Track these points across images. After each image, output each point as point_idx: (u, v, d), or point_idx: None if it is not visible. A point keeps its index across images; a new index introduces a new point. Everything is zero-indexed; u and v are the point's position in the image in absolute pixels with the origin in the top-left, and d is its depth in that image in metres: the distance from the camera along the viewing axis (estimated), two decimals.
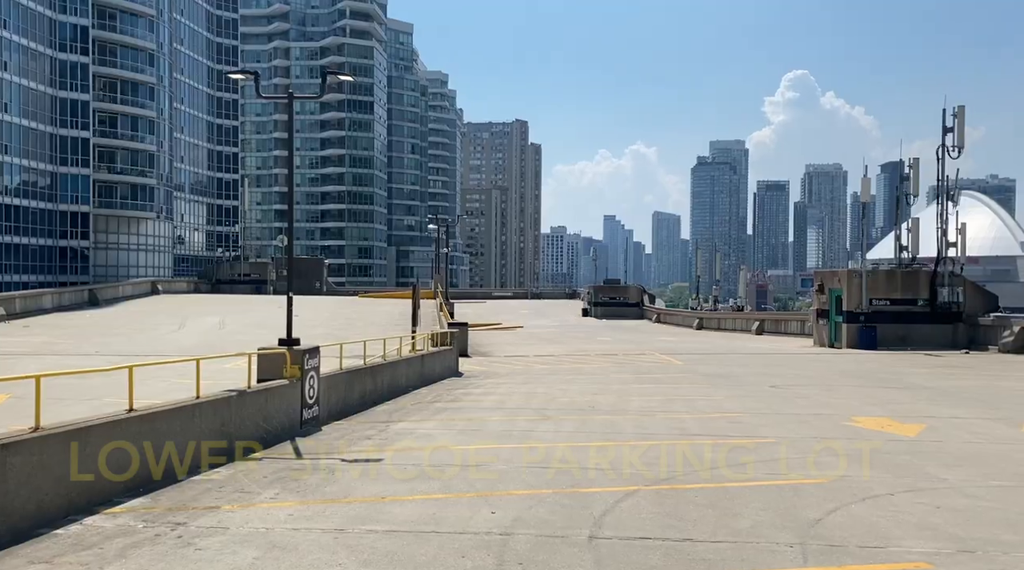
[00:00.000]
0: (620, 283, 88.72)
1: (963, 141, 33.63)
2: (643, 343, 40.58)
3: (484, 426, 14.21)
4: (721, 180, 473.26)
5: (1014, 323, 31.04)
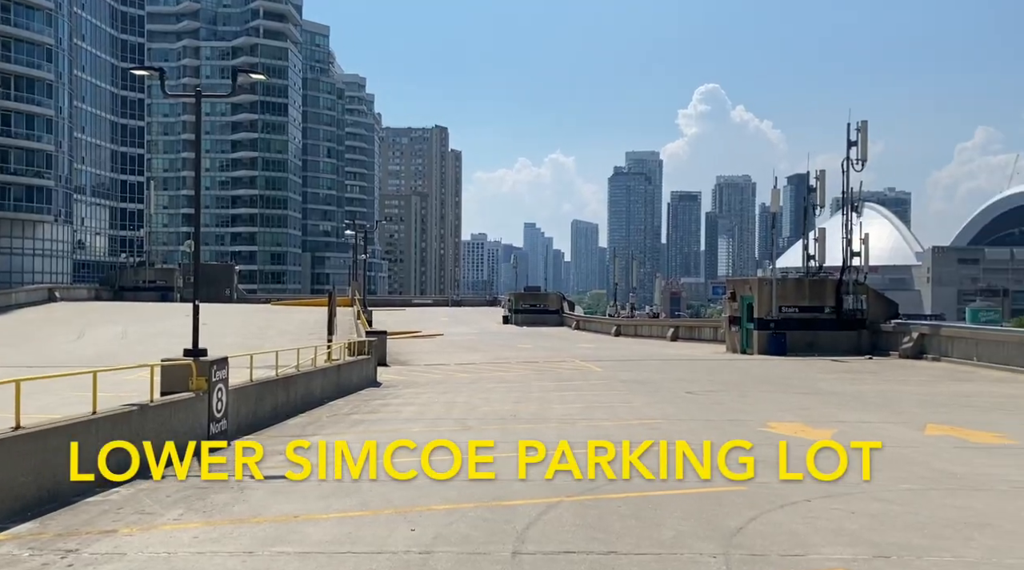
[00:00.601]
0: (540, 290, 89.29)
1: (866, 154, 35.15)
2: (563, 350, 40.79)
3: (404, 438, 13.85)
4: (637, 190, 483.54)
5: (913, 329, 32.55)
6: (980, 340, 28.59)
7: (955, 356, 28.84)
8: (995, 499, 8.68)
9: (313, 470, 10.87)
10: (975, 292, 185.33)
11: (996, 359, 26.42)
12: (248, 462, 11.49)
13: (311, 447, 12.94)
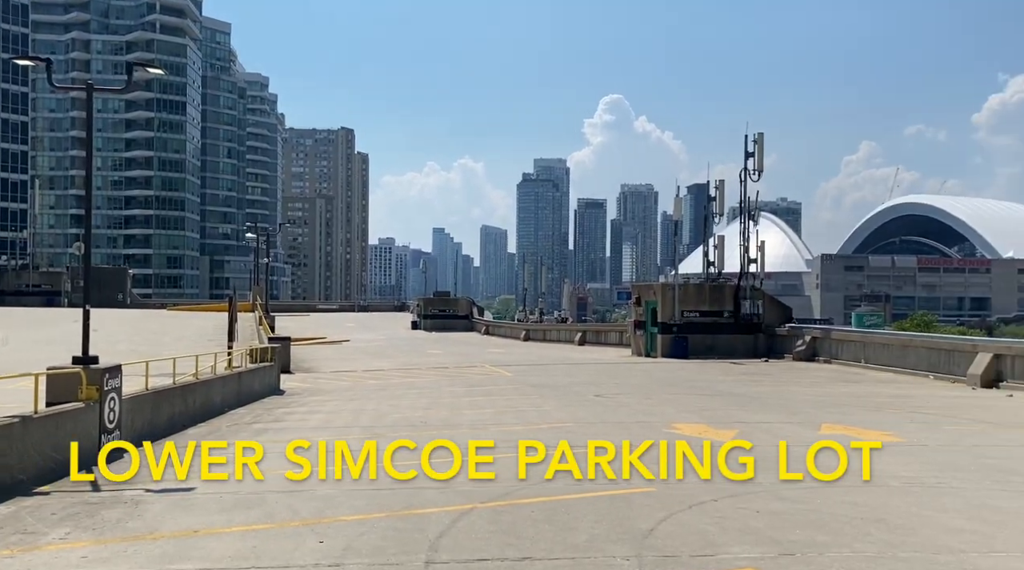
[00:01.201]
0: (450, 295, 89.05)
1: (762, 165, 36.63)
2: (473, 355, 40.72)
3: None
4: (545, 196, 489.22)
5: (806, 333, 34.09)
6: (867, 343, 30.20)
7: (845, 358, 30.35)
8: (887, 495, 9.11)
9: (213, 481, 10.40)
10: (860, 298, 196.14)
11: (881, 361, 27.96)
12: (143, 474, 10.89)
13: (211, 458, 12.38)
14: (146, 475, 11.00)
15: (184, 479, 10.60)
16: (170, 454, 12.75)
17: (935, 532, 7.58)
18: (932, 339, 28.49)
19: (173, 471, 11.19)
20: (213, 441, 14.43)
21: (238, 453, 12.81)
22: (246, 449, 13.39)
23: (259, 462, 11.88)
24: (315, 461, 11.47)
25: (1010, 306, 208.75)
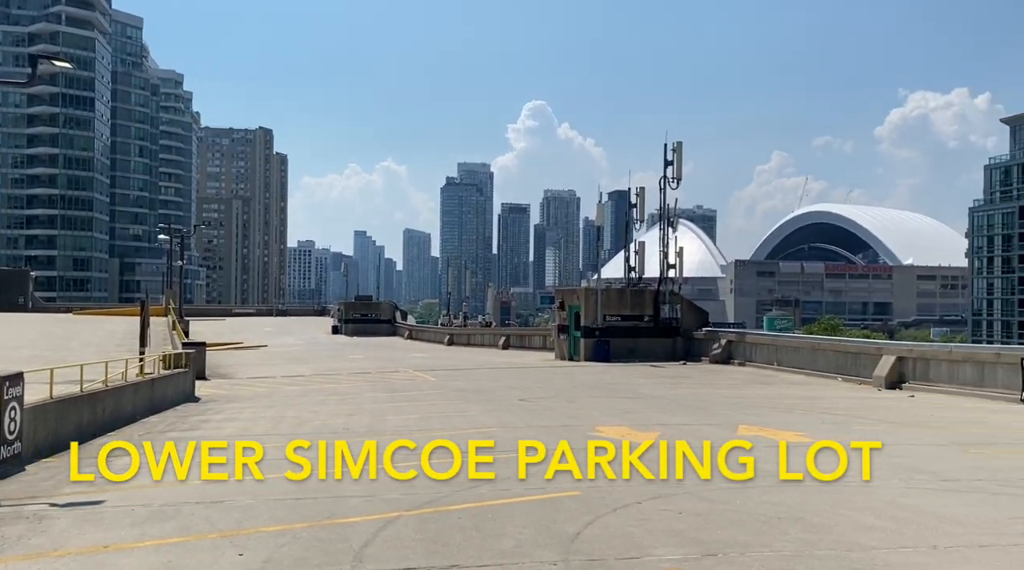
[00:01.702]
0: (372, 299, 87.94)
1: (681, 173, 37.55)
2: (396, 360, 40.30)
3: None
4: (469, 201, 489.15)
5: (722, 336, 35.06)
6: (779, 346, 31.28)
7: (758, 361, 31.35)
8: (804, 494, 9.43)
9: (124, 494, 9.95)
10: (771, 302, 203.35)
11: (793, 363, 29.00)
12: (47, 487, 10.33)
13: (123, 469, 11.85)
14: (50, 488, 10.45)
15: (92, 492, 10.10)
16: (77, 466, 12.14)
17: (848, 530, 7.88)
18: (840, 342, 29.69)
19: (80, 484, 10.65)
20: (124, 451, 13.81)
21: (151, 463, 12.30)
22: (160, 459, 12.88)
23: (174, 473, 11.45)
24: (233, 471, 11.12)
25: (910, 310, 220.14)
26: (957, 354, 21.95)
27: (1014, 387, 19.09)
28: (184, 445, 14.50)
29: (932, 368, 22.27)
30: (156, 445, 14.64)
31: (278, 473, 11.17)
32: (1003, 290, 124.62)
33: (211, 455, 13.08)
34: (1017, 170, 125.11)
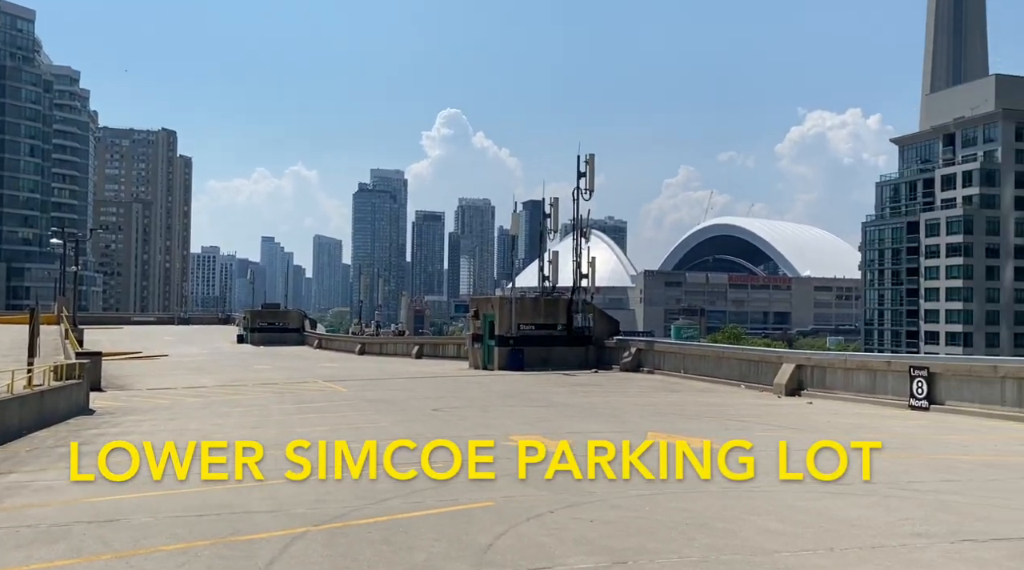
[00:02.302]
0: (280, 308, 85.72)
1: (593, 185, 38.20)
2: (305, 370, 39.40)
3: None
4: (382, 208, 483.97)
5: (632, 345, 35.79)
6: (686, 355, 32.16)
7: (667, 369, 32.15)
8: (710, 500, 9.68)
9: (9, 514, 9.33)
10: (679, 311, 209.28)
11: (699, 371, 29.86)
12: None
13: (7, 488, 11.12)
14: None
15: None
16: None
17: (752, 534, 8.13)
18: (744, 351, 30.79)
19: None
20: (8, 468, 12.97)
21: (40, 481, 11.60)
22: (49, 475, 12.17)
23: (65, 490, 10.83)
24: (128, 486, 10.59)
25: (807, 320, 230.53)
26: (851, 362, 23.06)
27: (903, 393, 20.19)
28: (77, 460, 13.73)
29: (828, 376, 23.32)
30: (44, 461, 13.82)
31: (178, 488, 10.72)
32: (893, 301, 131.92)
33: (107, 471, 12.43)
34: (905, 188, 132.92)
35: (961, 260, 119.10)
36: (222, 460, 12.81)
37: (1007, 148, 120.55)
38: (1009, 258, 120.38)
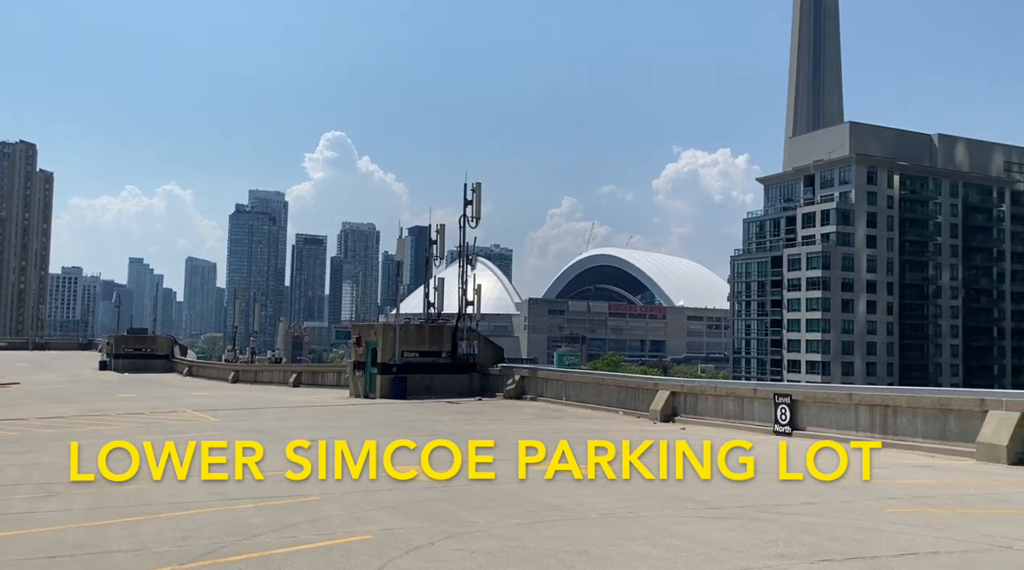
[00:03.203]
0: (147, 333, 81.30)
1: (480, 213, 38.51)
2: (174, 399, 37.40)
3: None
4: (260, 230, 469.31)
5: (515, 372, 36.07)
6: (568, 382, 32.70)
7: (549, 396, 32.57)
8: (588, 527, 9.84)
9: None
10: (561, 339, 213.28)
11: (581, 398, 30.42)
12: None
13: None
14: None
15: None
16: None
17: (628, 559, 8.32)
18: (623, 378, 31.58)
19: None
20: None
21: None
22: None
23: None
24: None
25: (681, 348, 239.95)
26: (721, 389, 24.12)
27: (768, 420, 21.28)
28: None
29: (700, 402, 24.30)
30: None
31: (29, 527, 9.91)
32: (759, 331, 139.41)
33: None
34: (770, 224, 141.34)
35: (819, 293, 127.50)
36: (80, 495, 11.96)
37: (860, 190, 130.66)
38: (862, 292, 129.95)
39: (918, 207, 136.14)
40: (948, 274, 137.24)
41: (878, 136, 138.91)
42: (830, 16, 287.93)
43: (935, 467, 15.26)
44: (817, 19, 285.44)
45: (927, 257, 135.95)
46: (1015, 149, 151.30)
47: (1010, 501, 11.84)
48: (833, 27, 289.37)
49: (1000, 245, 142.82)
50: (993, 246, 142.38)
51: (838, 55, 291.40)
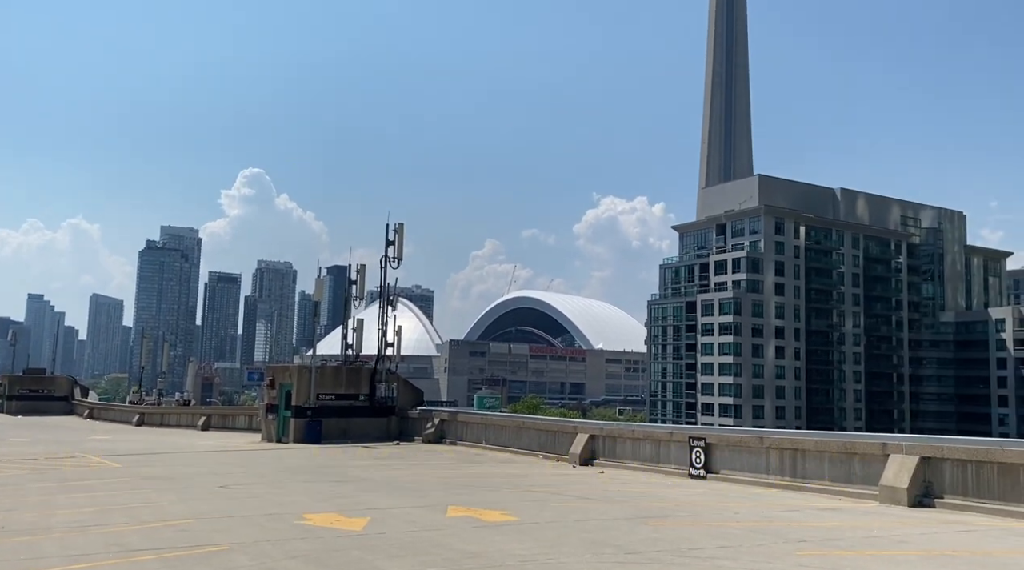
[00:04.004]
0: (45, 373, 76.97)
1: (402, 253, 38.36)
2: (73, 443, 35.39)
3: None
4: (172, 267, 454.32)
5: (435, 416, 35.67)
6: (488, 425, 32.54)
7: (469, 440, 32.30)
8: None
9: None
10: (482, 381, 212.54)
11: (501, 442, 30.29)
12: None
13: None
14: None
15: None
16: None
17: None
18: (542, 422, 31.64)
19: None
20: None
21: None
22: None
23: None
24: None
25: (600, 390, 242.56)
26: (639, 432, 24.45)
27: (684, 463, 21.65)
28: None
29: (619, 446, 24.54)
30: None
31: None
32: (674, 374, 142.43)
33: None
34: (684, 271, 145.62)
35: (731, 338, 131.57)
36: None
37: (768, 240, 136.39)
38: (771, 338, 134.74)
39: (822, 257, 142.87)
40: (851, 321, 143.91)
41: (785, 188, 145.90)
42: (740, 76, 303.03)
43: (842, 510, 15.79)
44: (729, 78, 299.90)
45: (831, 305, 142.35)
46: (910, 204, 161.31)
47: (911, 543, 12.34)
48: (743, 86, 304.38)
49: (898, 295, 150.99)
50: (892, 296, 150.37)
51: (748, 111, 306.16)
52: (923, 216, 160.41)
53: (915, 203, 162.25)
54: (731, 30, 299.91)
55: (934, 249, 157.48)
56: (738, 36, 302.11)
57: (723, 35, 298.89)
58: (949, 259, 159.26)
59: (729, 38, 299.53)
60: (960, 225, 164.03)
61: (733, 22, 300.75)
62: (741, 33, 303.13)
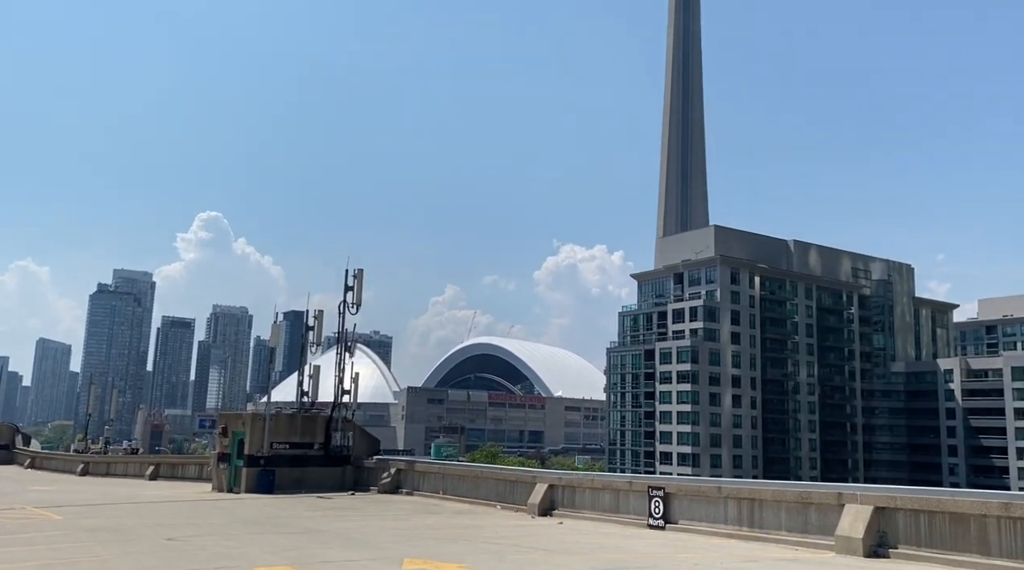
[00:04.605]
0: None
1: (361, 299, 38.09)
2: (10, 494, 33.94)
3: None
4: (123, 311, 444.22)
5: (391, 465, 35.06)
6: (446, 475, 32.08)
7: (426, 490, 31.77)
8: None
9: None
10: (440, 429, 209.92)
11: (458, 492, 29.85)
12: None
13: None
14: None
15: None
16: None
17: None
18: (501, 471, 31.29)
19: None
20: None
21: None
22: None
23: None
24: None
25: (559, 438, 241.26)
26: (598, 482, 24.32)
27: (643, 513, 21.57)
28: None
29: (578, 495, 24.37)
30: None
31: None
32: (633, 423, 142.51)
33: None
34: (643, 318, 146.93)
35: (689, 387, 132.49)
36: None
37: (724, 289, 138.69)
38: (728, 387, 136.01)
39: (777, 307, 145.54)
40: (805, 371, 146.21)
41: (740, 239, 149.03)
42: (696, 130, 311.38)
43: (799, 560, 15.84)
44: (685, 131, 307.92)
45: (786, 354, 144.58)
46: (860, 257, 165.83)
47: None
48: (699, 140, 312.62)
49: (851, 345, 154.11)
50: (844, 345, 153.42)
51: (703, 163, 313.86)
52: (873, 268, 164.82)
53: (865, 255, 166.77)
54: (687, 85, 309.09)
55: (884, 300, 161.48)
56: (694, 91, 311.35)
57: (680, 90, 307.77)
58: (899, 310, 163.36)
59: (686, 93, 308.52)
60: (908, 277, 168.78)
61: (689, 78, 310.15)
62: (697, 88, 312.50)
